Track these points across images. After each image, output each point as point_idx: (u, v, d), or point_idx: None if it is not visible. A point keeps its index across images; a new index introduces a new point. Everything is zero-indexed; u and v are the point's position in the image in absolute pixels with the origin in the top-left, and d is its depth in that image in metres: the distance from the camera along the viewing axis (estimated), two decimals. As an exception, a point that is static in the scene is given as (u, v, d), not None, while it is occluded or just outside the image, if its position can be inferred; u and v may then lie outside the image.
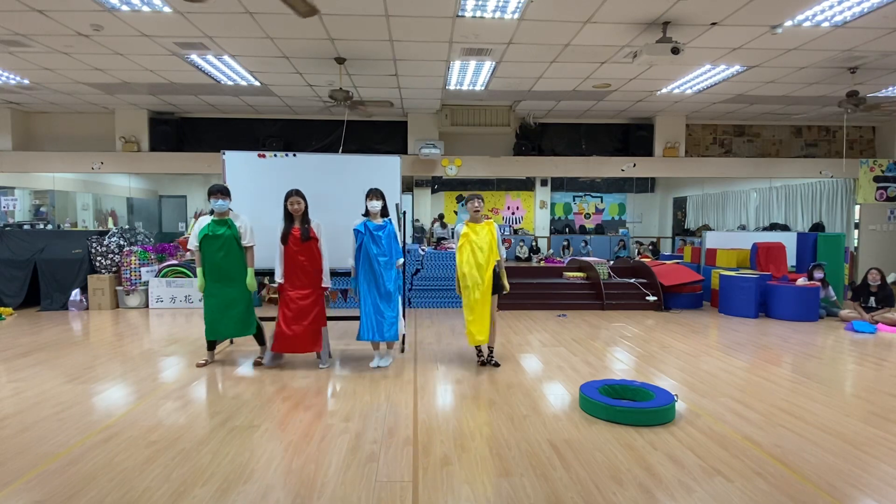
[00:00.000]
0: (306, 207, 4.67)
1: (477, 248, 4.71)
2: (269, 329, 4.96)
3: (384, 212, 4.83)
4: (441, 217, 12.64)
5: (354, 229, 4.74)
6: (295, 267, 4.65)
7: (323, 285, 4.75)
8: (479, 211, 4.78)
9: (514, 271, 9.18)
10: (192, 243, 4.68)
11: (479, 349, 4.95)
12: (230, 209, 4.73)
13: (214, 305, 4.71)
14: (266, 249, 4.89)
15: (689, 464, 2.89)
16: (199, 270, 4.70)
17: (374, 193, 4.76)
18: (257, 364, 4.85)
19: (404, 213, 5.40)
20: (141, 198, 12.81)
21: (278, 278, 4.69)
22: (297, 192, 4.65)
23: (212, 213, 4.70)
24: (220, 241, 4.63)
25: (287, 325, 4.64)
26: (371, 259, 4.70)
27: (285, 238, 4.62)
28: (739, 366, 4.93)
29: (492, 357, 4.92)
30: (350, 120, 9.78)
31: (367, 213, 4.79)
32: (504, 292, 4.89)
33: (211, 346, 4.93)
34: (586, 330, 6.60)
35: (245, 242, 4.72)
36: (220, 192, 4.63)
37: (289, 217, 4.65)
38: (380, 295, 4.72)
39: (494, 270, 4.75)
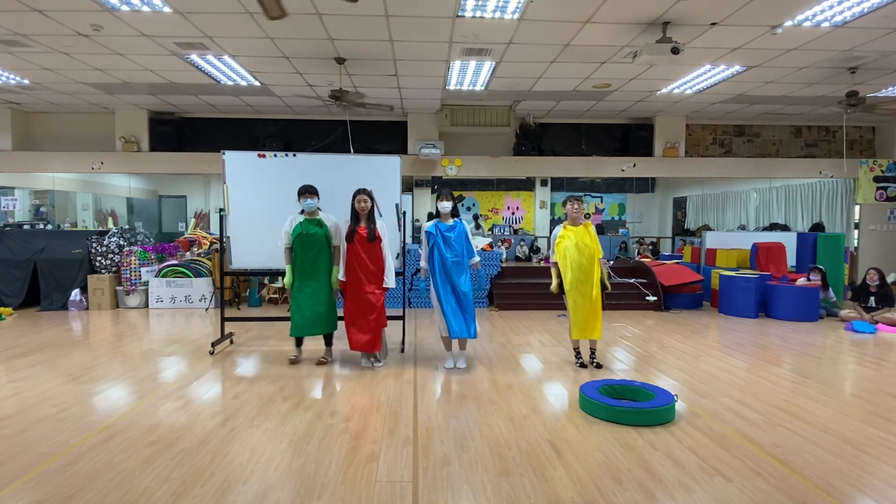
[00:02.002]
0: (373, 206, 4.66)
1: (579, 251, 4.66)
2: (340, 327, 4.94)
3: (454, 212, 4.81)
4: (477, 218, 12.82)
5: (426, 231, 4.74)
6: (358, 266, 4.63)
7: (385, 285, 4.70)
8: (579, 213, 4.69)
9: (514, 271, 9.18)
10: (285, 242, 4.74)
11: (578, 351, 4.94)
12: (318, 208, 4.77)
13: (303, 303, 4.75)
14: (267, 247, 4.87)
15: (689, 464, 2.89)
16: (288, 268, 4.76)
17: (445, 194, 4.74)
18: (321, 363, 4.87)
19: (404, 213, 5.41)
20: (141, 198, 12.81)
21: (340, 276, 4.72)
22: (364, 191, 4.64)
23: (301, 212, 4.75)
24: (313, 240, 4.69)
25: (353, 324, 4.67)
26: (445, 261, 4.68)
27: (351, 236, 4.62)
28: (739, 366, 4.93)
29: (594, 358, 4.90)
30: (350, 120, 9.77)
31: (437, 215, 4.79)
32: (606, 291, 4.85)
33: (299, 342, 4.99)
34: (586, 330, 6.58)
35: (334, 242, 4.79)
36: (310, 191, 4.68)
37: (355, 215, 4.65)
38: (457, 296, 4.67)
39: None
